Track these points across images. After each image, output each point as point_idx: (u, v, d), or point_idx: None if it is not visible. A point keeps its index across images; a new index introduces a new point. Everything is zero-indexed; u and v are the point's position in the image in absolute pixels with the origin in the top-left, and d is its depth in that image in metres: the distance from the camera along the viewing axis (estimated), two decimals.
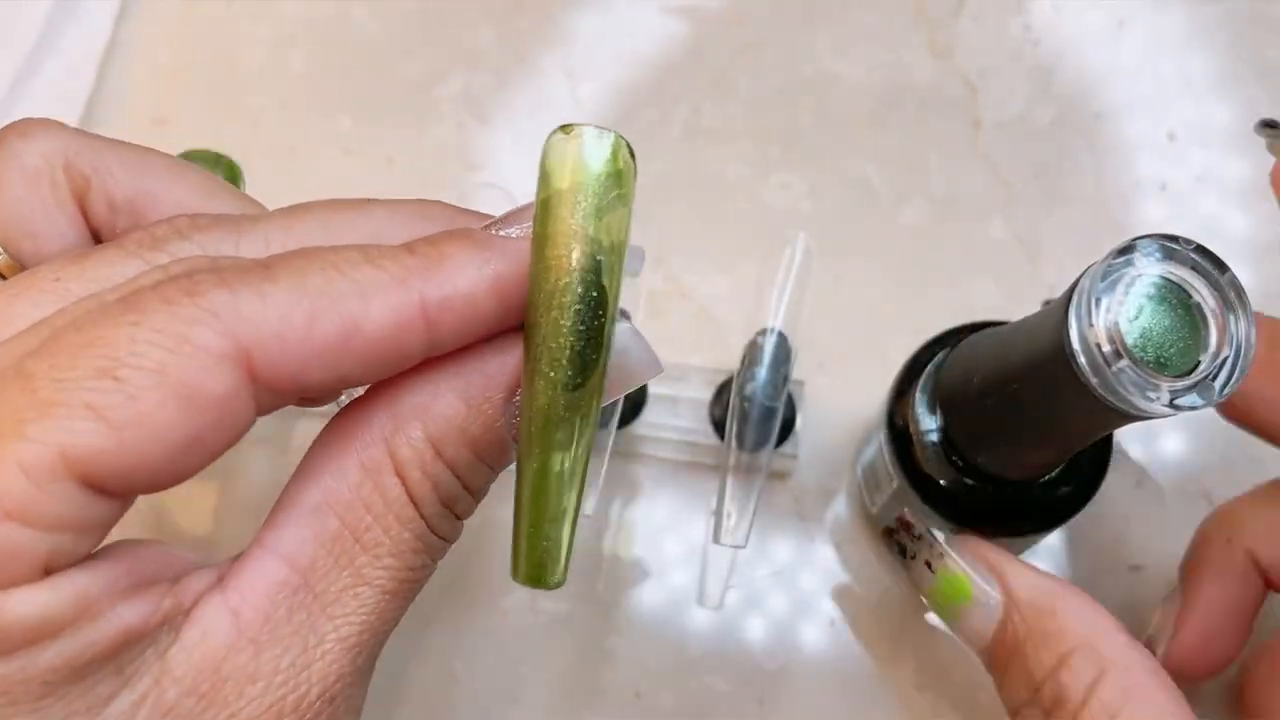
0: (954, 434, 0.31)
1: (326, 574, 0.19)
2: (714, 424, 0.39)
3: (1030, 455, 0.29)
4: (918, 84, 0.45)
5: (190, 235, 0.20)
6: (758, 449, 0.36)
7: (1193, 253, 0.23)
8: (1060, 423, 0.26)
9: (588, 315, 0.20)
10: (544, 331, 0.19)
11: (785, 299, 0.37)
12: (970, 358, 0.29)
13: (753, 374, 0.36)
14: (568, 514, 0.20)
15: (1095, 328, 0.22)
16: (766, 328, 0.36)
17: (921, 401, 0.32)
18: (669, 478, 0.40)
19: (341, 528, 0.19)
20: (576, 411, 0.20)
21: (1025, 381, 0.26)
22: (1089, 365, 0.22)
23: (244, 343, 0.17)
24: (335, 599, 0.19)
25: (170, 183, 0.23)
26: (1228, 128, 0.44)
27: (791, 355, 0.36)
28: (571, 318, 0.19)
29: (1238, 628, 0.32)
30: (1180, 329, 0.23)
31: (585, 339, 0.20)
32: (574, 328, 0.19)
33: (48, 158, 0.22)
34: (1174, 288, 0.23)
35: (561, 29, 0.47)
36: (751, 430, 0.36)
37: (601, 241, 0.20)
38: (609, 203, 0.20)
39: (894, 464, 0.32)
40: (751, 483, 0.36)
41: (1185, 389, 0.22)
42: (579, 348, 0.20)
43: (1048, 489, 0.31)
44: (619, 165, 0.21)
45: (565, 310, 0.19)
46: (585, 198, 0.20)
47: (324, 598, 0.19)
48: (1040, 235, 0.43)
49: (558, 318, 0.19)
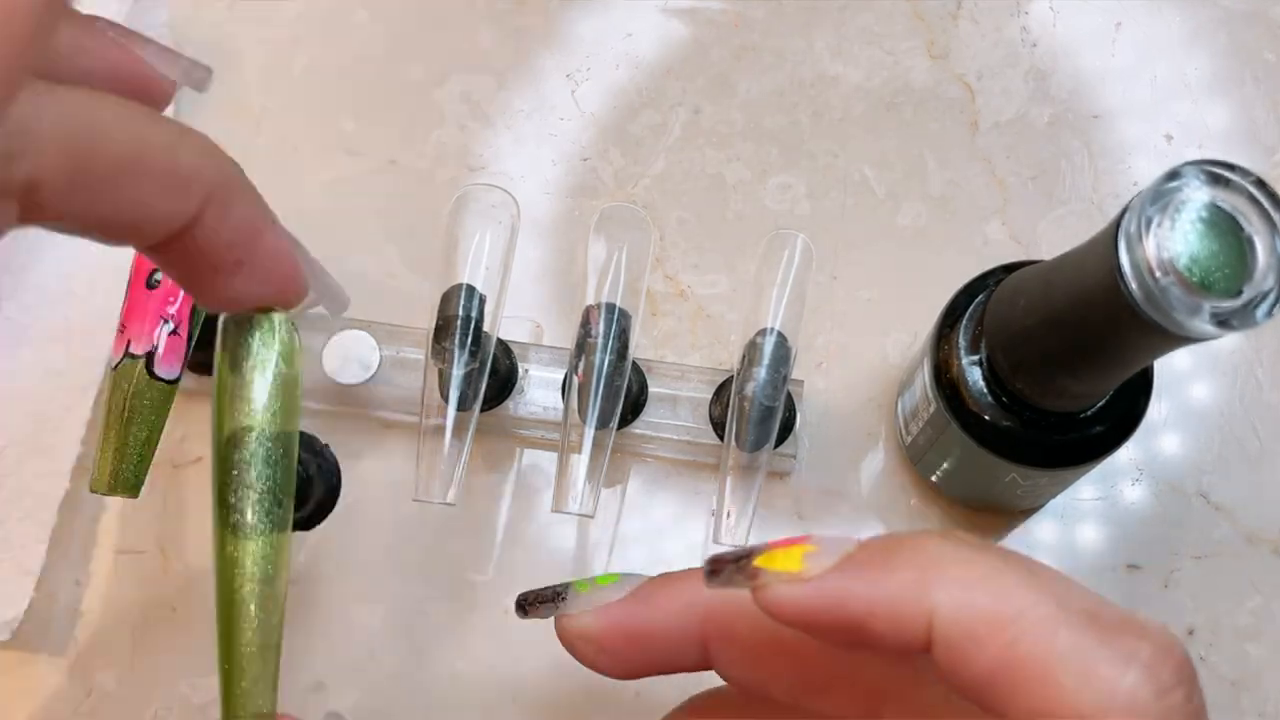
0: (999, 367, 0.31)
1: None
2: (713, 423, 0.39)
3: (1074, 384, 0.29)
4: (916, 86, 0.45)
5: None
6: (757, 448, 0.36)
7: (1250, 184, 0.24)
8: (1106, 346, 0.26)
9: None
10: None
11: (784, 299, 0.37)
12: (1017, 288, 0.30)
13: (752, 374, 0.36)
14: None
15: (1144, 246, 0.23)
16: (765, 328, 0.37)
17: (964, 339, 0.32)
18: (668, 477, 0.40)
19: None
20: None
21: (1073, 304, 0.26)
22: (1136, 282, 0.23)
23: None
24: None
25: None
26: (1225, 129, 0.45)
27: (791, 355, 0.36)
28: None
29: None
30: (1227, 254, 0.23)
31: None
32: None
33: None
34: (1224, 214, 0.24)
35: (562, 30, 0.47)
36: (751, 430, 0.36)
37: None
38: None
39: (937, 399, 0.33)
40: (751, 482, 0.36)
41: (1229, 312, 0.23)
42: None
43: (1089, 423, 0.31)
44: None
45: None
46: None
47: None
48: (1038, 236, 0.43)
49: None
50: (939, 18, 0.47)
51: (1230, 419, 0.40)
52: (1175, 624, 0.38)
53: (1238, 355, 0.41)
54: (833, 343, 0.42)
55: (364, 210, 0.44)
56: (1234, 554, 0.38)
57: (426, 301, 0.37)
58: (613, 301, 0.36)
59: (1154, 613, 0.38)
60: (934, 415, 0.34)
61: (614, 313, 0.36)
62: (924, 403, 0.35)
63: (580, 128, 0.45)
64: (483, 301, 0.36)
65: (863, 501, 0.40)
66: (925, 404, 0.34)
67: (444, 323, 0.36)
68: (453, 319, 0.35)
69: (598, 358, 0.36)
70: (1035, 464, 0.32)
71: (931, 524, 0.39)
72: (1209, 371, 0.41)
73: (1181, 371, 0.41)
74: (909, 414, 0.37)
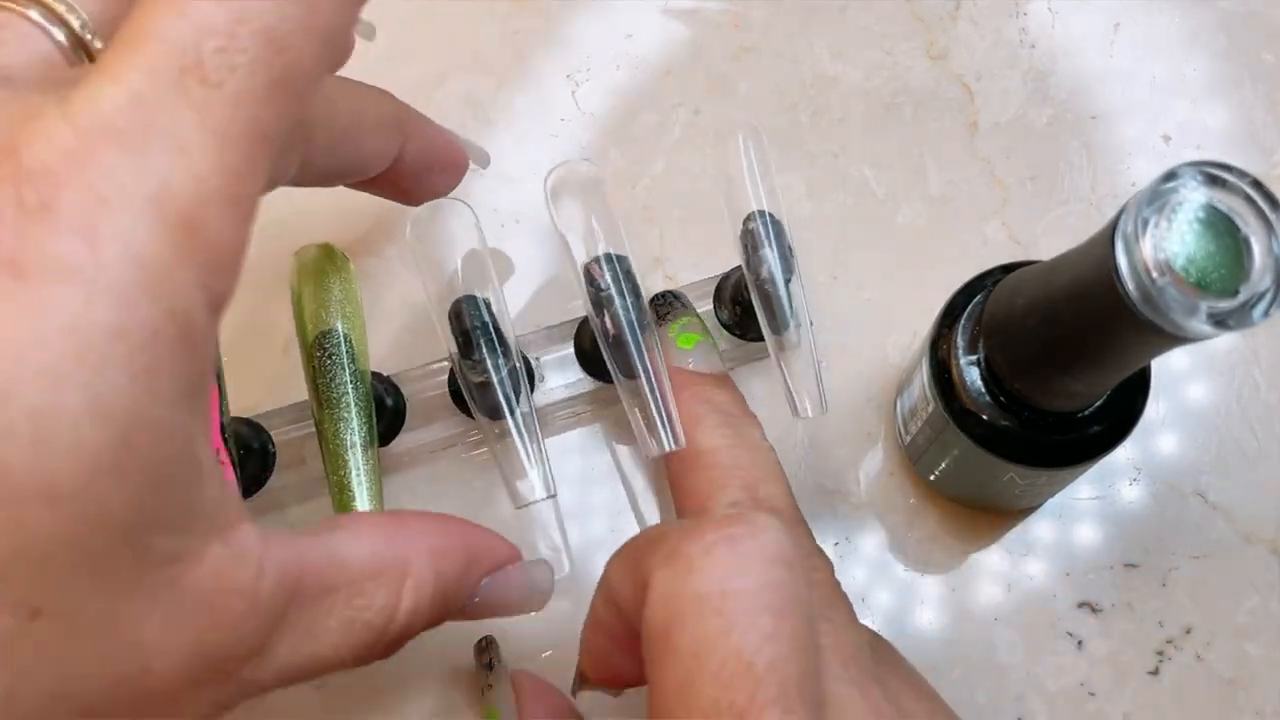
0: (996, 366, 0.31)
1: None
2: (726, 327, 0.39)
3: (1072, 384, 0.30)
4: (915, 86, 0.46)
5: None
6: (789, 326, 0.36)
7: (1247, 185, 0.24)
8: (1103, 346, 0.27)
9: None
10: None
11: (758, 182, 0.37)
12: (1016, 289, 0.30)
13: (761, 256, 0.36)
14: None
15: (1141, 246, 0.23)
16: (752, 211, 0.36)
17: (963, 339, 0.32)
18: None
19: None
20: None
21: (1070, 304, 0.26)
22: (1133, 283, 0.23)
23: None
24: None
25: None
26: (1223, 130, 0.45)
27: (785, 229, 0.36)
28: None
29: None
30: (1224, 255, 0.24)
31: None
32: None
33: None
34: (1220, 215, 0.24)
35: (562, 30, 0.47)
36: (781, 308, 0.36)
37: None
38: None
39: (935, 398, 0.33)
40: (806, 357, 0.36)
41: (1225, 312, 0.23)
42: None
43: (1087, 423, 0.31)
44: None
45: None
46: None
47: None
48: (1037, 237, 0.43)
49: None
50: (938, 18, 0.47)
51: (1228, 419, 0.40)
52: (1173, 623, 0.38)
53: (1235, 355, 0.41)
54: (832, 343, 0.42)
55: (366, 209, 0.44)
56: (1231, 553, 0.39)
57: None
58: (608, 251, 0.36)
59: (1152, 612, 0.38)
60: (932, 415, 0.34)
61: (613, 260, 0.36)
62: (922, 402, 0.35)
63: (580, 128, 0.45)
64: (489, 305, 0.36)
65: (861, 501, 0.40)
66: (924, 403, 0.34)
67: (464, 338, 0.35)
68: (471, 331, 0.35)
69: (618, 306, 0.35)
70: (1033, 463, 0.32)
71: (930, 523, 0.39)
72: (1206, 371, 0.41)
73: (1179, 371, 0.41)
74: (908, 414, 0.37)
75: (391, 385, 0.39)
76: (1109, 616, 0.38)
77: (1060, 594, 0.38)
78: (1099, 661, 0.37)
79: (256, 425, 0.38)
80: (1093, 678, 0.37)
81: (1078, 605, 0.38)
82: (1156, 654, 0.37)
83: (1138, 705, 0.37)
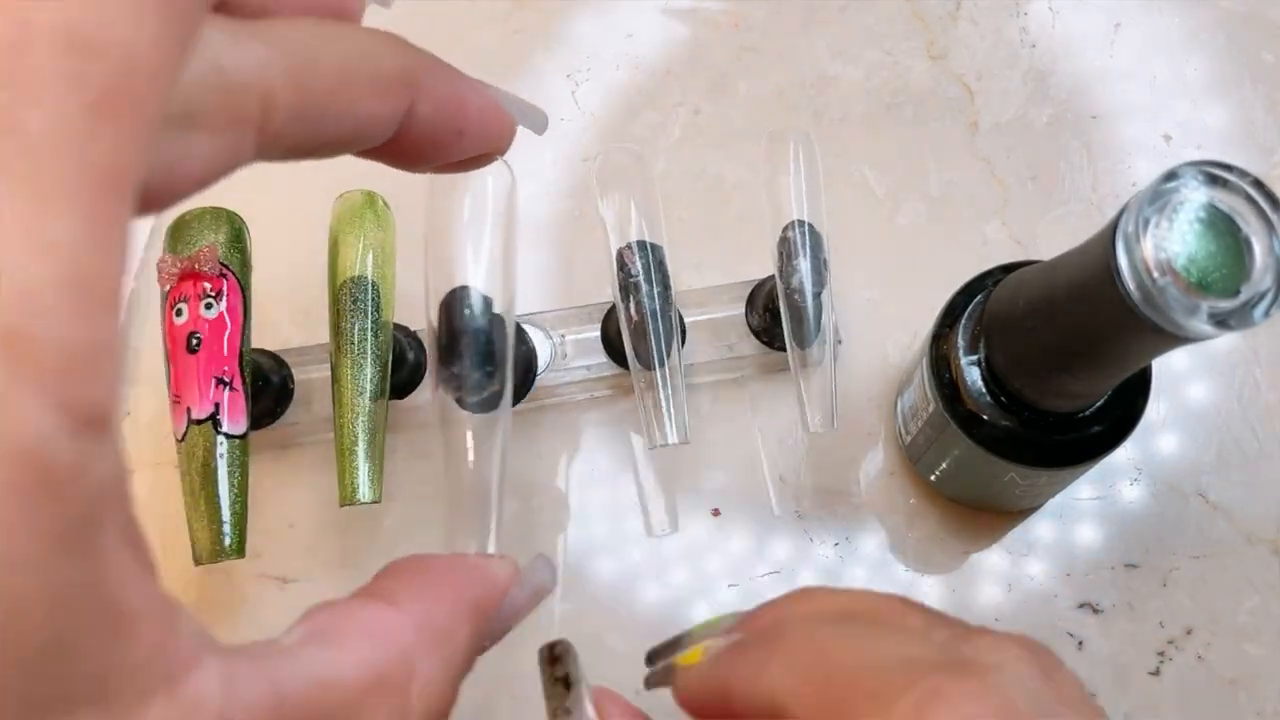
0: (997, 366, 0.31)
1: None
2: (755, 332, 0.40)
3: (1073, 384, 0.30)
4: (915, 86, 0.46)
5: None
6: (815, 339, 0.36)
7: (1248, 185, 0.24)
8: (1104, 346, 0.26)
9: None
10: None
11: (803, 190, 0.37)
12: (1016, 289, 0.30)
13: (795, 266, 0.36)
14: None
15: (1142, 246, 0.23)
16: (792, 220, 0.37)
17: (963, 339, 0.32)
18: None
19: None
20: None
21: (1071, 304, 0.26)
22: (1134, 283, 0.23)
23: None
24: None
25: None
26: (1223, 130, 0.45)
27: (823, 241, 0.36)
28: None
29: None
30: (1225, 255, 0.24)
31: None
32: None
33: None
34: (1221, 215, 0.24)
35: (562, 30, 0.47)
36: (810, 321, 0.36)
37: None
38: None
39: (936, 398, 0.33)
40: (825, 373, 0.36)
41: (1226, 312, 0.23)
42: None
43: (1087, 423, 0.31)
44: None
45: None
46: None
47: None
48: (1037, 236, 0.43)
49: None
50: (939, 18, 0.47)
51: (1228, 419, 0.40)
52: (1174, 623, 0.38)
53: (1235, 355, 0.41)
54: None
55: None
56: (1232, 553, 0.39)
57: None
58: (642, 239, 0.36)
59: (1152, 611, 0.38)
60: (933, 415, 0.34)
61: (647, 248, 0.36)
62: (923, 402, 0.35)
63: (580, 128, 0.45)
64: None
65: (862, 501, 0.40)
66: (924, 403, 0.34)
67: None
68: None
69: (644, 293, 0.36)
70: (1034, 463, 0.32)
71: (930, 523, 0.39)
72: (1207, 371, 0.41)
73: (1180, 371, 0.41)
74: (908, 413, 0.37)
75: (415, 340, 0.39)
76: (1110, 617, 0.38)
77: (1061, 594, 0.38)
78: (1100, 662, 0.37)
79: (279, 359, 0.38)
80: (1094, 678, 0.37)
81: (1078, 605, 0.38)
82: (1157, 654, 0.37)
83: (1139, 705, 0.37)
